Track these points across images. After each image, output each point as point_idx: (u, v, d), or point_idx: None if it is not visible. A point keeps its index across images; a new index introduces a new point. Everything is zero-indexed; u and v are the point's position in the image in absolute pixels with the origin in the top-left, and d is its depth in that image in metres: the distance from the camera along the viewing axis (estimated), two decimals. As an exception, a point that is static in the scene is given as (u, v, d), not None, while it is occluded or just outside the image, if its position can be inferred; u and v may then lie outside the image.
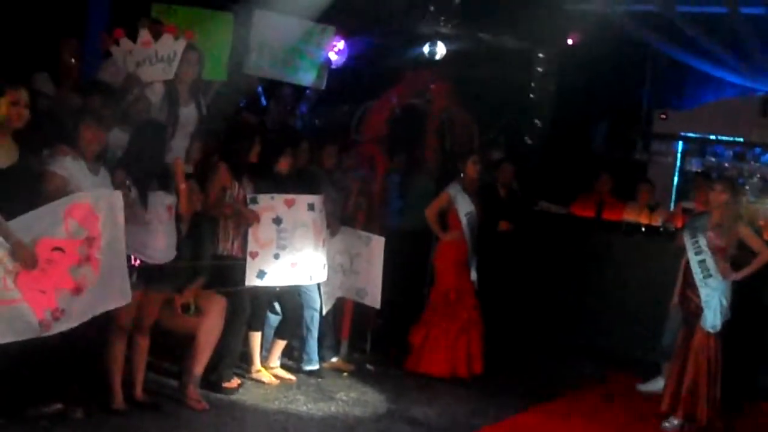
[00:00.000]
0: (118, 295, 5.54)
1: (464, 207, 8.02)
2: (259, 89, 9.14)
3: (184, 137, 6.68)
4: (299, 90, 9.28)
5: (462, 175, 8.07)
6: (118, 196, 5.47)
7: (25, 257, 4.99)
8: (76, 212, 5.22)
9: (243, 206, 6.79)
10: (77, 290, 5.25)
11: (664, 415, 7.24)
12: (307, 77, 8.39)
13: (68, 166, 5.46)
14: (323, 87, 8.60)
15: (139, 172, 5.80)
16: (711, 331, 7.08)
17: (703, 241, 7.13)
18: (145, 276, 5.87)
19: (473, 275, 8.12)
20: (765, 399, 8.21)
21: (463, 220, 8.01)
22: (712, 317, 7.08)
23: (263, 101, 9.29)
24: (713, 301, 7.08)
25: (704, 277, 7.11)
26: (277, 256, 6.88)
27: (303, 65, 8.27)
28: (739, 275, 7.08)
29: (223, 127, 7.10)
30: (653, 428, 7.24)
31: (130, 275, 5.72)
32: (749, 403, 8.01)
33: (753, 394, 8.17)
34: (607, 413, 7.60)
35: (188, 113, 6.78)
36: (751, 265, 7.09)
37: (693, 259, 7.18)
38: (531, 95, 11.96)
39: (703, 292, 7.11)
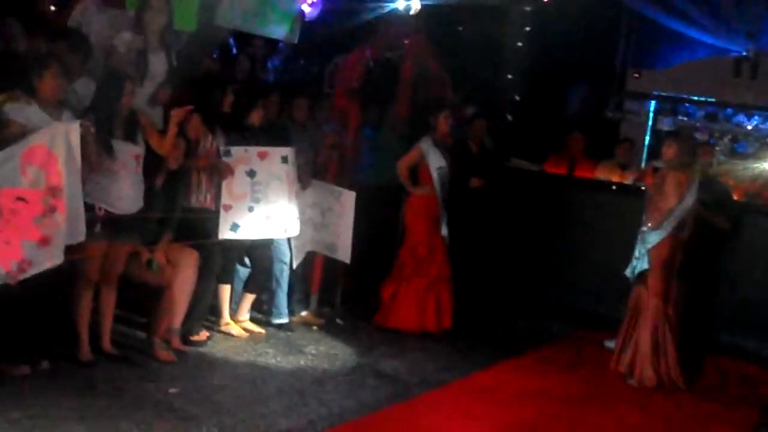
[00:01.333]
0: (78, 233, 5.39)
1: (436, 162, 7.97)
2: (231, 40, 9.02)
3: (153, 87, 6.57)
4: (271, 42, 9.17)
5: (434, 129, 8.03)
6: (74, 129, 5.27)
7: None
8: (34, 156, 5.09)
9: (216, 158, 6.73)
10: (44, 241, 5.15)
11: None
12: (279, 30, 8.27)
13: (24, 113, 5.34)
14: (296, 41, 8.48)
15: (102, 121, 5.68)
16: (628, 275, 7.36)
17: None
18: (110, 227, 5.79)
19: (444, 231, 8.11)
20: (723, 354, 8.31)
21: (435, 175, 7.97)
22: (632, 266, 7.35)
23: (234, 52, 9.16)
24: (636, 251, 7.34)
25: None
26: (251, 209, 6.84)
27: (275, 17, 8.14)
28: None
29: (193, 77, 6.99)
30: (617, 383, 7.33)
31: (94, 225, 5.66)
32: (708, 359, 8.13)
33: (711, 350, 8.28)
34: (573, 368, 7.65)
35: (157, 62, 6.66)
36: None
37: None
38: (505, 52, 11.88)
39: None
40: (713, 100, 11.86)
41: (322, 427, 5.47)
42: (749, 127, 11.94)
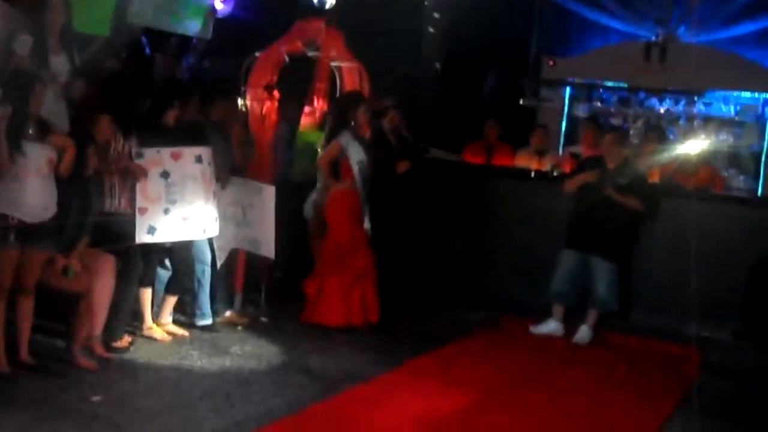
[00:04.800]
0: None
1: (356, 155, 7.95)
2: (144, 40, 8.87)
3: (57, 89, 6.42)
4: (185, 40, 9.05)
5: (352, 123, 8.01)
6: None
7: None
8: None
9: (129, 161, 6.60)
10: None
11: None
12: (191, 26, 8.21)
13: None
14: (209, 36, 8.40)
15: (11, 125, 5.52)
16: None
17: None
18: (23, 235, 5.66)
19: (366, 224, 8.10)
20: (638, 333, 8.50)
21: (355, 169, 7.95)
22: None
23: (147, 52, 9.01)
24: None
25: None
26: (167, 211, 6.73)
27: (187, 13, 8.10)
28: None
29: (102, 79, 6.86)
30: (543, 367, 7.47)
31: (7, 235, 5.55)
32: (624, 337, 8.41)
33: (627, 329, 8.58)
34: (499, 355, 7.75)
35: (59, 63, 6.51)
36: None
37: None
38: (422, 42, 11.93)
39: None
40: (625, 85, 12.09)
41: (249, 428, 5.40)
42: (662, 111, 12.22)
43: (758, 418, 6.72)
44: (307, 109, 8.99)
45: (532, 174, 9.72)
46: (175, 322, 7.36)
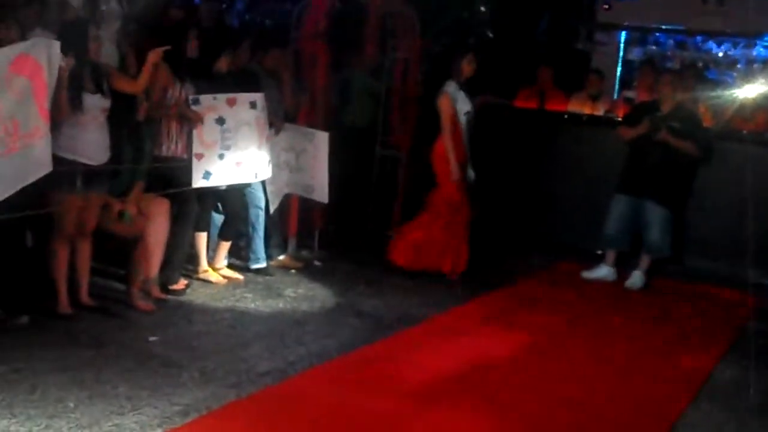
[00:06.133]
0: (46, 162, 5.25)
1: (463, 106, 7.89)
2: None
3: (110, 36, 6.50)
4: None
5: (457, 73, 7.87)
6: (55, 45, 5.19)
7: None
8: (21, 66, 4.92)
9: (185, 107, 6.70)
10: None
11: None
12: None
13: None
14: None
15: (71, 77, 5.61)
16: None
17: None
18: (86, 179, 5.79)
19: (471, 174, 8.05)
20: (693, 278, 8.46)
21: (462, 120, 7.91)
22: None
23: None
24: None
25: None
26: (221, 156, 6.82)
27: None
28: None
29: (158, 25, 6.92)
30: (593, 311, 7.49)
31: (74, 180, 5.68)
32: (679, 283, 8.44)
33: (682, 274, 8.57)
34: (549, 300, 7.77)
35: (110, 9, 6.58)
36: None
37: None
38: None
39: None
40: (682, 28, 11.86)
41: (302, 368, 5.52)
42: (720, 55, 11.98)
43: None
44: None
45: (584, 119, 9.63)
46: (230, 266, 7.50)
